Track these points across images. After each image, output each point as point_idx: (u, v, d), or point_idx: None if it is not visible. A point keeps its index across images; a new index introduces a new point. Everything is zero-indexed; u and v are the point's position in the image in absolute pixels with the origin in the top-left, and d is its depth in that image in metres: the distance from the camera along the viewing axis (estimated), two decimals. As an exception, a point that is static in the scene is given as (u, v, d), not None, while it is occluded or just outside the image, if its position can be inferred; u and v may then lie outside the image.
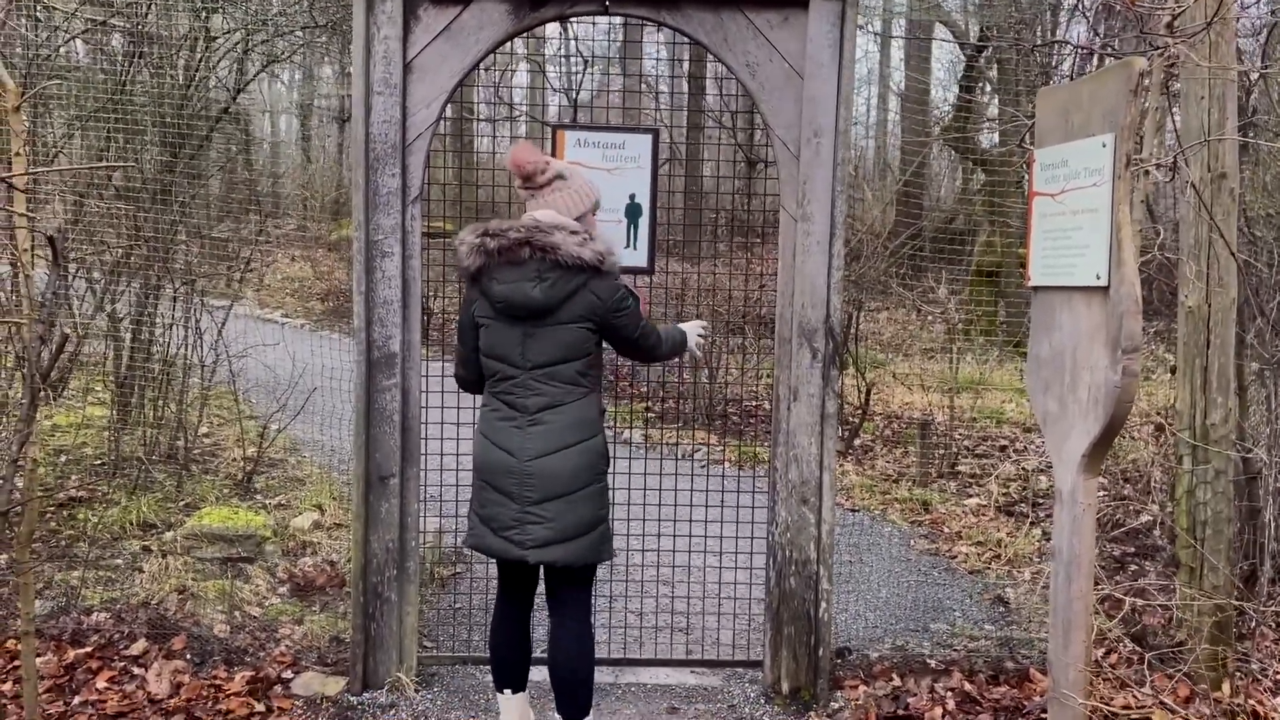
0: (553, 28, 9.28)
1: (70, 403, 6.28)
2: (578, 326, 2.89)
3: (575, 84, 11.18)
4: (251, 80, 6.87)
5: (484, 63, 3.70)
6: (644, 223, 3.83)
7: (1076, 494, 2.67)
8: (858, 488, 6.51)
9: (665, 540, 4.30)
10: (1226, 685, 3.44)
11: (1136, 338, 2.47)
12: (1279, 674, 3.62)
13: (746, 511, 4.14)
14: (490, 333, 2.96)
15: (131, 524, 4.86)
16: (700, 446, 7.22)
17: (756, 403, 8.47)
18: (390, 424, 3.54)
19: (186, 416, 5.66)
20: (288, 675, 3.66)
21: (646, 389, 8.79)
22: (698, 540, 4.26)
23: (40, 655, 3.57)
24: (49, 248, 2.93)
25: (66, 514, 4.96)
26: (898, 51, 17.88)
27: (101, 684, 3.51)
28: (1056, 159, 2.76)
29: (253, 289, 9.92)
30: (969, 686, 3.67)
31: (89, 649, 3.73)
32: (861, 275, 8.55)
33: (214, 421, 6.58)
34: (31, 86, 4.94)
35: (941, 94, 16.14)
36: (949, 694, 3.61)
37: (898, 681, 3.71)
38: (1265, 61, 4.27)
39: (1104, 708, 3.14)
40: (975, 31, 12.27)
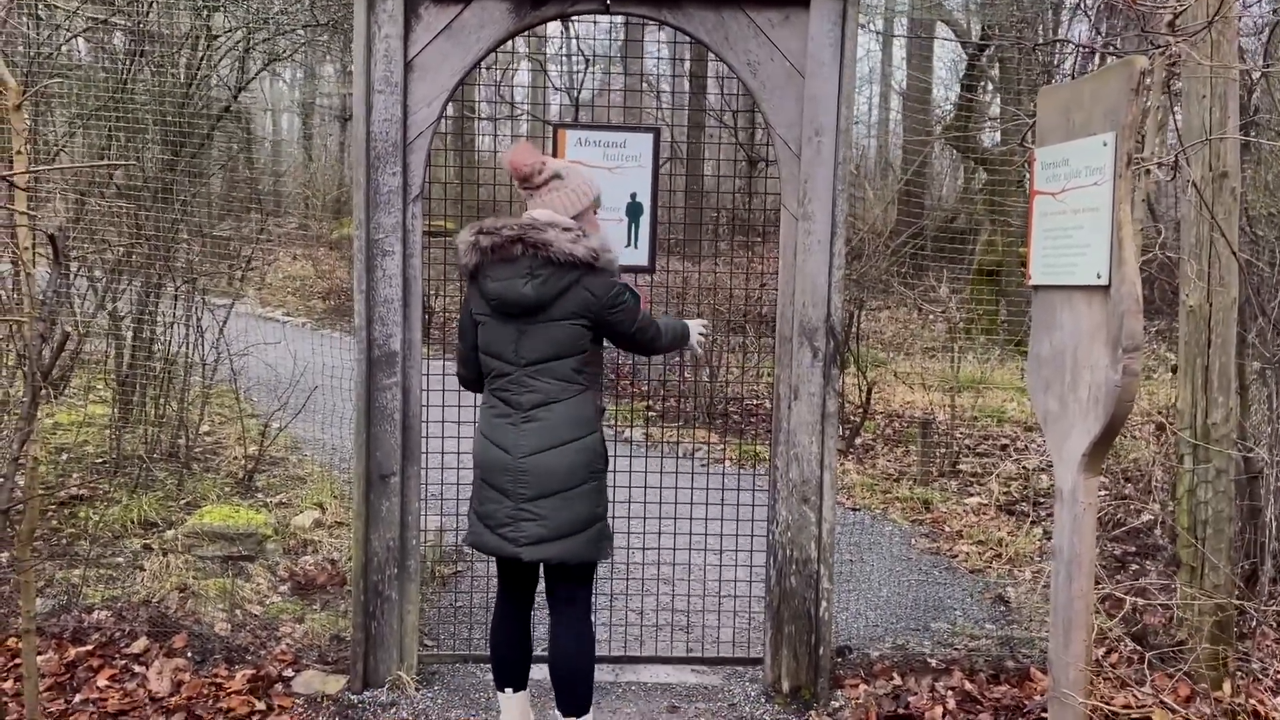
0: (554, 26, 9.27)
1: (72, 401, 6.28)
2: (571, 323, 2.88)
3: (576, 83, 11.18)
4: (253, 79, 6.86)
5: (485, 61, 3.69)
6: (645, 221, 3.83)
7: (1077, 493, 2.67)
8: (859, 486, 6.51)
9: (666, 539, 4.30)
10: (1227, 685, 3.44)
11: (1137, 337, 2.46)
12: (1279, 673, 3.62)
13: (747, 510, 4.14)
14: (486, 330, 2.97)
15: (133, 522, 4.86)
16: (701, 445, 7.22)
17: (757, 401, 8.47)
18: (391, 422, 3.54)
19: (188, 415, 5.66)
20: (288, 673, 3.67)
21: (647, 388, 8.78)
22: (698, 539, 4.26)
23: (41, 653, 3.57)
24: (50, 246, 2.93)
25: (68, 512, 4.96)
26: (899, 50, 17.88)
27: (102, 682, 3.52)
28: (1057, 158, 2.75)
29: (254, 287, 9.91)
30: (969, 685, 3.67)
31: (90, 647, 3.73)
32: (863, 274, 8.54)
33: (215, 420, 6.59)
34: (33, 85, 4.94)
35: (943, 93, 16.14)
36: (949, 693, 3.61)
37: (898, 680, 3.71)
38: (1267, 60, 4.27)
39: (1104, 707, 3.14)
40: (977, 30, 12.26)
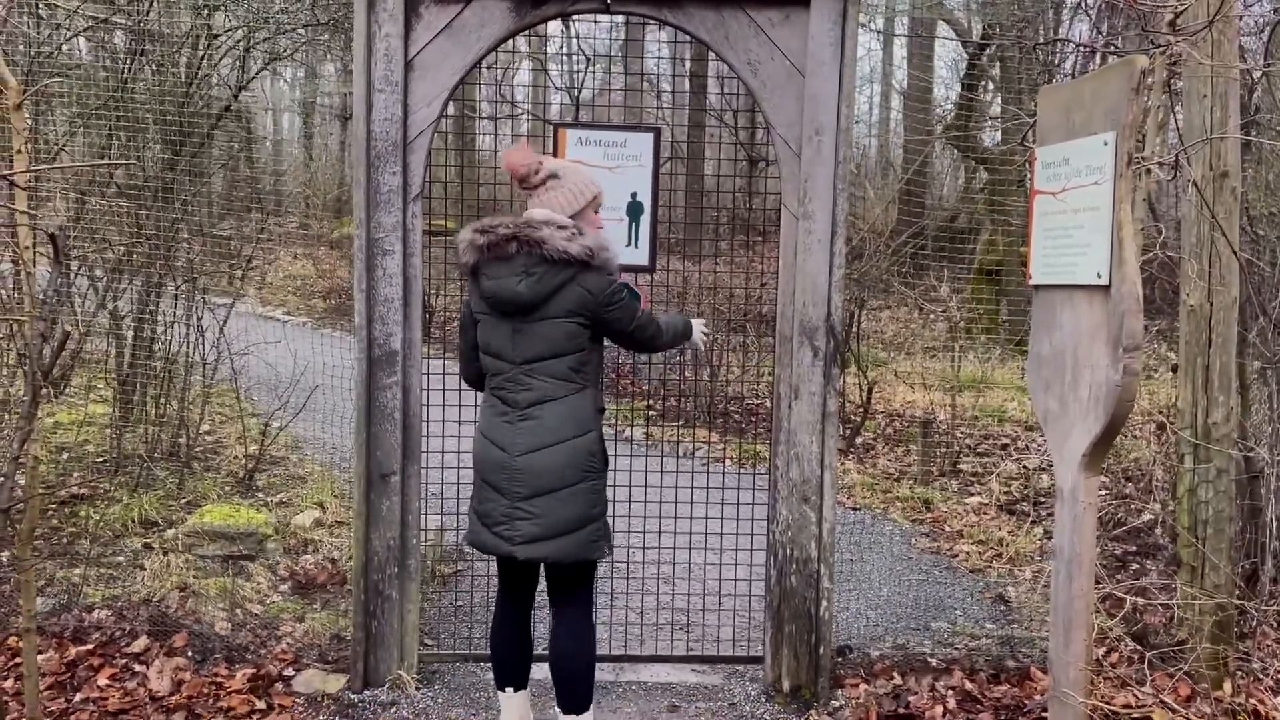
0: (554, 26, 9.27)
1: (72, 400, 6.28)
2: (567, 321, 2.88)
3: (577, 82, 11.18)
4: (253, 78, 6.86)
5: (486, 61, 3.69)
6: (645, 221, 3.83)
7: (1077, 492, 2.67)
8: (859, 486, 6.51)
9: (666, 538, 4.30)
10: (1227, 684, 3.44)
11: (1137, 336, 2.46)
12: (1279, 673, 3.62)
13: (747, 509, 4.14)
14: (484, 328, 2.98)
15: (133, 521, 4.86)
16: (701, 445, 7.22)
17: (758, 401, 8.47)
18: (391, 422, 3.54)
19: (188, 414, 5.66)
20: (289, 673, 3.67)
21: (648, 387, 8.78)
22: (699, 538, 4.26)
23: (42, 652, 3.57)
24: (50, 245, 2.93)
25: (68, 511, 4.96)
26: (900, 49, 17.87)
27: (103, 681, 3.52)
28: (1058, 157, 2.75)
29: (254, 287, 9.91)
30: (970, 685, 3.67)
31: (90, 646, 3.73)
32: (864, 273, 8.53)
33: (216, 419, 6.59)
34: (33, 84, 4.94)
35: (944, 92, 16.12)
36: (950, 692, 3.61)
37: (899, 680, 3.71)
38: (1268, 60, 4.26)
39: (1105, 706, 3.14)
40: (978, 29, 12.27)
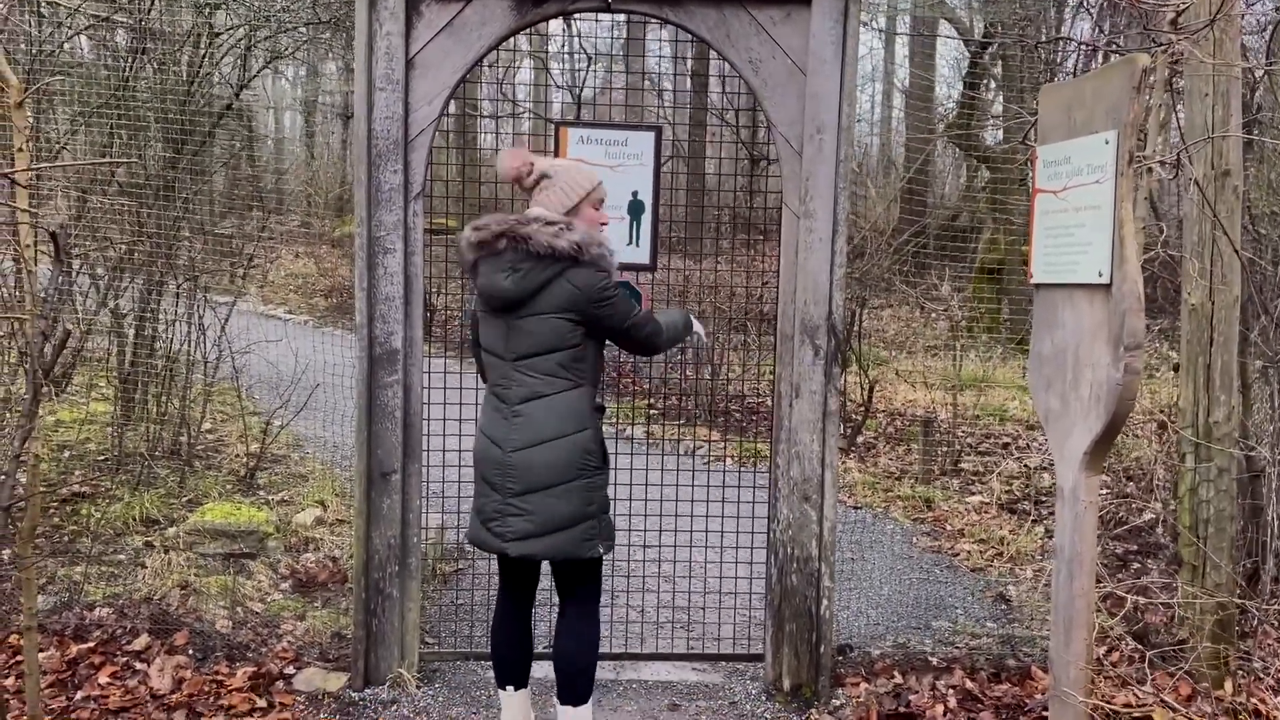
0: (556, 24, 9.26)
1: (74, 398, 6.28)
2: (556, 317, 2.87)
3: (578, 81, 11.17)
4: (255, 76, 6.87)
5: (487, 59, 3.69)
6: (646, 219, 3.83)
7: (1078, 491, 2.67)
8: (860, 485, 6.51)
9: (667, 536, 4.30)
10: (1228, 684, 3.43)
11: (1138, 335, 2.46)
12: (1281, 672, 3.62)
13: (748, 508, 4.14)
14: (483, 325, 3.02)
15: (134, 519, 4.86)
16: (702, 443, 7.22)
17: (759, 399, 8.47)
18: (392, 420, 3.54)
19: (189, 412, 5.66)
20: (290, 671, 3.67)
21: (649, 385, 8.78)
22: (699, 536, 4.26)
23: (43, 650, 3.58)
24: (52, 243, 2.93)
25: (69, 509, 4.97)
26: (902, 48, 17.86)
27: (104, 679, 3.52)
28: (1059, 156, 2.75)
29: (256, 285, 9.92)
30: (970, 684, 3.67)
31: (91, 644, 3.73)
32: (865, 272, 8.54)
33: (217, 417, 6.59)
34: (35, 82, 4.94)
35: (946, 91, 16.12)
36: (950, 691, 3.61)
37: (899, 679, 3.71)
38: (1270, 58, 4.25)
39: (1105, 706, 3.14)
40: (980, 28, 12.25)
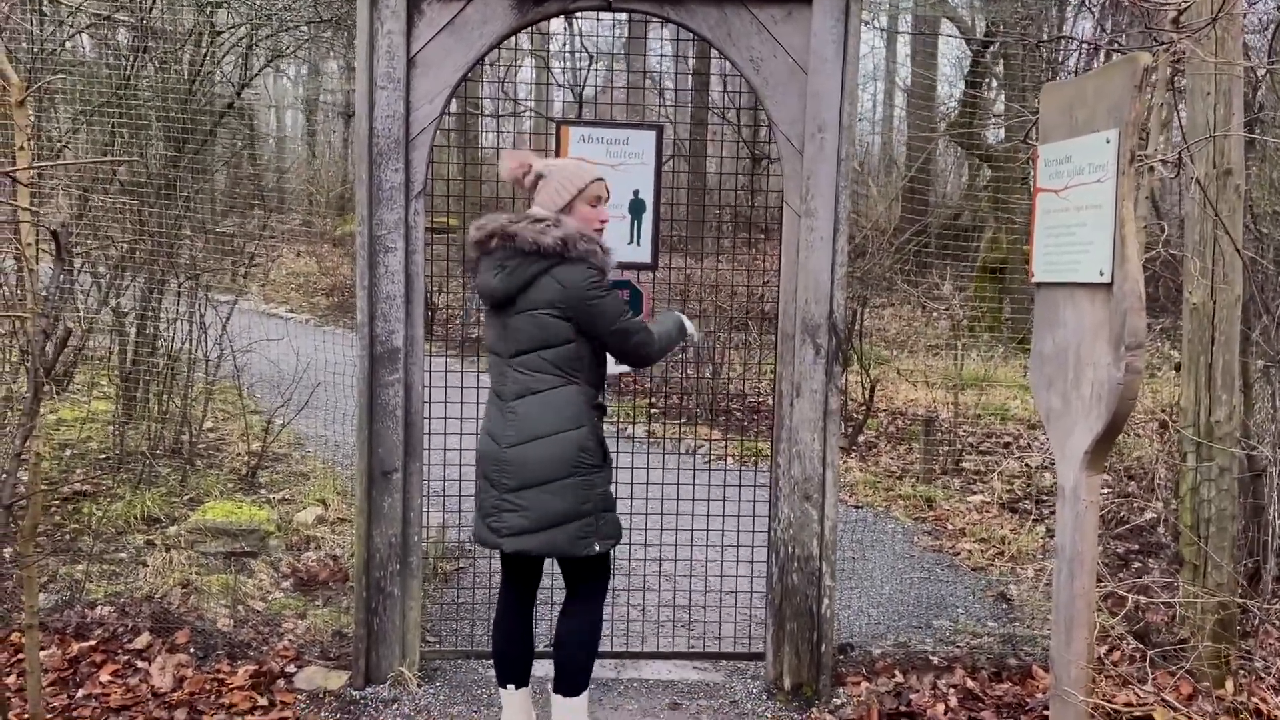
0: (557, 23, 9.26)
1: (75, 397, 6.29)
2: (544, 314, 2.89)
3: (580, 79, 11.17)
4: (256, 75, 6.87)
5: (488, 58, 3.69)
6: (648, 218, 3.83)
7: (1079, 491, 2.67)
8: (861, 484, 6.51)
9: (668, 535, 4.30)
10: (1229, 683, 3.43)
11: (1140, 334, 2.46)
12: (1282, 672, 3.61)
13: (749, 507, 4.13)
14: (485, 323, 3.06)
15: (136, 518, 4.87)
16: (703, 442, 7.22)
17: (760, 398, 8.46)
18: (393, 419, 3.54)
19: (191, 411, 5.67)
20: (290, 669, 3.67)
21: (650, 385, 8.79)
22: (700, 535, 4.26)
23: (44, 648, 3.58)
24: (53, 242, 2.94)
25: (71, 508, 4.97)
26: (904, 47, 17.86)
27: (105, 677, 3.53)
28: (1061, 155, 2.75)
29: (257, 284, 9.92)
30: (971, 683, 3.67)
31: (93, 642, 3.74)
32: (866, 271, 8.52)
33: (218, 416, 6.59)
34: (36, 81, 4.94)
35: (948, 90, 16.11)
36: (951, 691, 3.61)
37: (900, 678, 3.71)
38: (1272, 57, 4.25)
39: (1106, 705, 3.14)
40: (981, 27, 12.24)
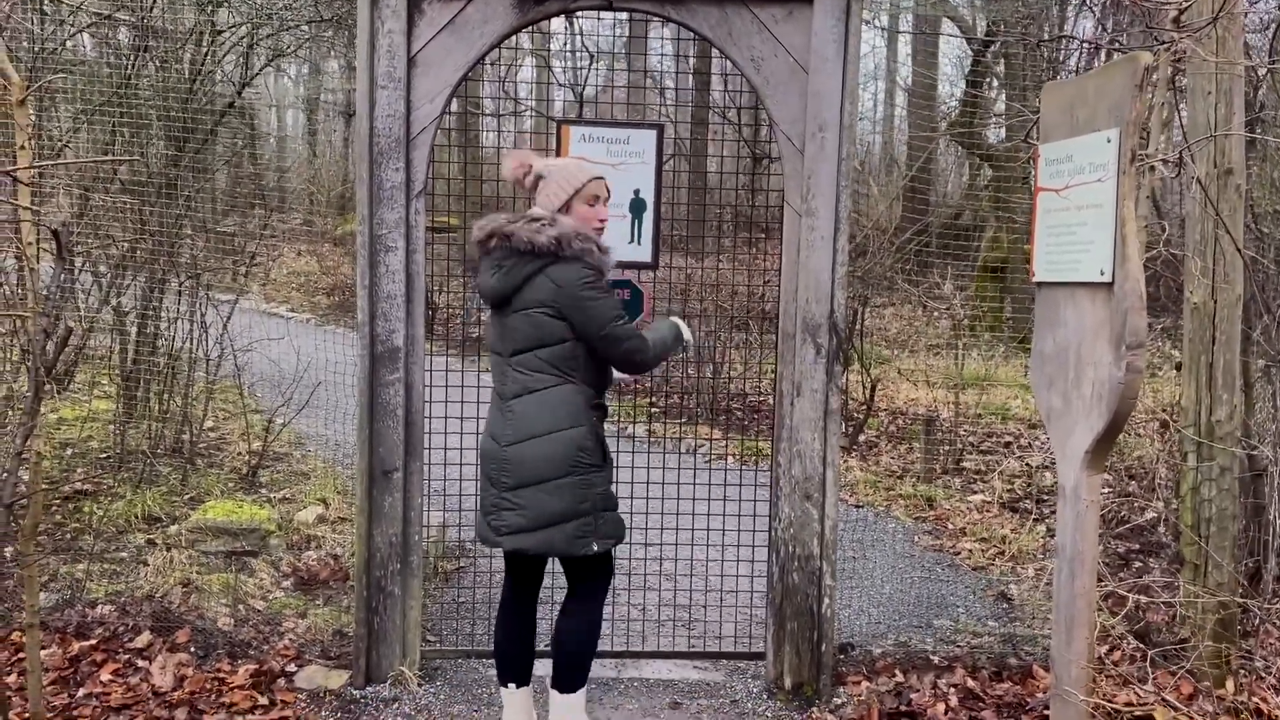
0: (557, 22, 9.26)
1: (76, 396, 6.29)
2: (538, 313, 2.90)
3: (580, 79, 11.17)
4: (257, 74, 6.88)
5: (489, 57, 3.69)
6: (648, 218, 3.83)
7: (1080, 490, 2.67)
8: (862, 483, 6.51)
9: (669, 534, 4.30)
10: (1230, 683, 3.43)
11: (1141, 334, 2.46)
12: (1283, 671, 3.61)
13: (749, 506, 4.13)
14: (488, 322, 3.08)
15: (136, 517, 4.87)
16: (704, 442, 7.22)
17: (760, 398, 8.46)
18: (394, 418, 3.54)
19: (191, 410, 5.67)
20: (291, 669, 3.67)
21: (650, 384, 8.79)
22: (701, 535, 4.26)
23: (45, 647, 3.58)
24: (54, 241, 2.94)
25: (72, 507, 4.97)
26: (905, 46, 17.86)
27: (106, 676, 3.53)
28: (1061, 154, 2.74)
29: (258, 283, 9.92)
30: (972, 683, 3.67)
31: (93, 641, 3.74)
32: (867, 271, 8.53)
33: (219, 415, 6.60)
34: (37, 80, 4.94)
35: (949, 89, 16.12)
36: (952, 690, 3.61)
37: (900, 677, 3.71)
38: (1273, 56, 4.25)
39: (1107, 705, 3.14)
40: (982, 26, 12.24)
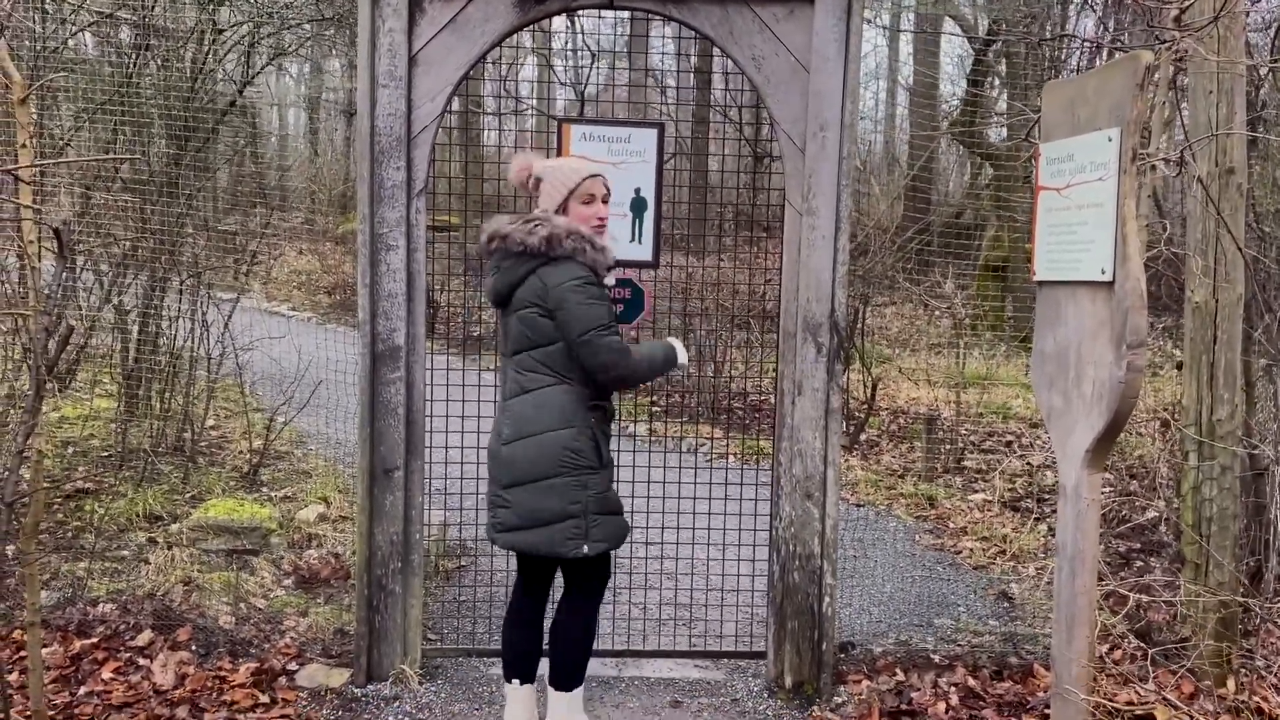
0: (559, 21, 9.27)
1: (77, 394, 6.29)
2: (530, 313, 2.92)
3: (582, 78, 11.17)
4: (259, 73, 6.88)
5: (490, 56, 3.69)
6: (649, 217, 3.83)
7: (1081, 489, 2.67)
8: (863, 483, 6.51)
9: (669, 533, 4.30)
10: (1231, 682, 3.43)
11: (1141, 333, 2.46)
12: (1284, 671, 3.61)
13: (750, 505, 4.14)
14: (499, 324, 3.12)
15: (138, 516, 4.87)
16: (705, 441, 7.22)
17: (761, 397, 8.46)
18: (395, 417, 3.55)
19: (193, 409, 5.67)
20: (292, 667, 3.68)
21: (651, 383, 8.79)
22: (702, 534, 4.27)
23: (46, 646, 3.58)
24: (55, 240, 2.94)
25: (73, 505, 4.98)
26: (906, 45, 17.85)
27: (107, 674, 3.53)
28: (1062, 153, 2.74)
29: (259, 282, 9.92)
30: (973, 682, 3.67)
31: (95, 640, 3.74)
32: (868, 270, 8.53)
33: (220, 414, 6.60)
34: (39, 79, 4.95)
35: (950, 88, 16.10)
36: (952, 689, 3.61)
37: (901, 676, 3.71)
38: (1274, 56, 4.25)
39: (1107, 703, 3.14)
40: (984, 25, 12.23)
